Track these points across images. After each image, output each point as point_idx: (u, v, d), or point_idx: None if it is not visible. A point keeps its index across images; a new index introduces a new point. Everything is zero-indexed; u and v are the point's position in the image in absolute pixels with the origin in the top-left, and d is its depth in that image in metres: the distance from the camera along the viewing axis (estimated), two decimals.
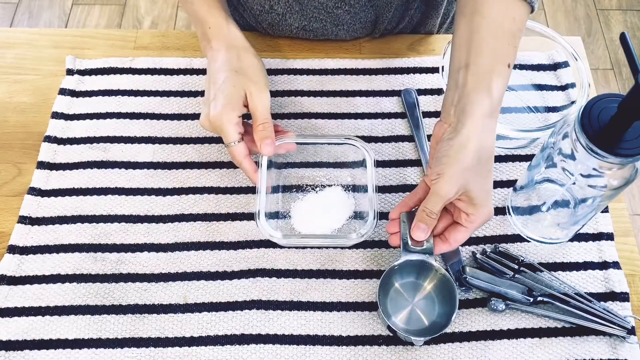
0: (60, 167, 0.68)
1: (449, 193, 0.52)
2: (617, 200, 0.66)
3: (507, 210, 0.65)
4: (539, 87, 0.74)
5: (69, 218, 0.64)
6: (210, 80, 0.62)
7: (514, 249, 0.63)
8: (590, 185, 0.52)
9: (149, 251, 0.63)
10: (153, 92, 0.73)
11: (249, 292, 0.60)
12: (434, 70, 0.75)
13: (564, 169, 0.53)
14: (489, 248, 0.63)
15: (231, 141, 0.60)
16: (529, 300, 0.58)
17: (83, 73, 0.75)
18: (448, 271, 0.60)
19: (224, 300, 0.60)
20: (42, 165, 0.67)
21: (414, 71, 0.75)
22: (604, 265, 0.62)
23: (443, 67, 0.65)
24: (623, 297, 0.60)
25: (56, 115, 0.71)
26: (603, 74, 1.81)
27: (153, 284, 0.61)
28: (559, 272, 0.62)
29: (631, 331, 0.58)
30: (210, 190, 0.66)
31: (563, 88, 0.73)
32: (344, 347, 0.58)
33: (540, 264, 0.62)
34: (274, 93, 0.73)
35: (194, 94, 0.73)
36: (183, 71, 0.75)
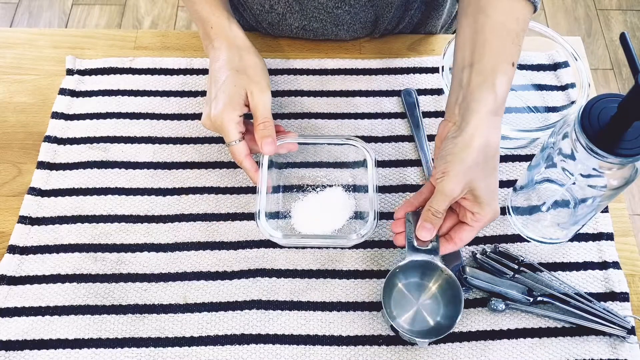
0: (60, 167, 0.68)
1: (454, 191, 0.52)
2: (617, 200, 0.66)
3: (507, 210, 0.65)
4: (539, 87, 0.74)
5: (69, 218, 0.64)
6: (212, 79, 0.63)
7: (514, 249, 0.63)
8: (590, 185, 0.52)
9: (149, 251, 0.63)
10: (153, 92, 0.73)
11: (249, 292, 0.60)
12: (434, 70, 0.75)
13: (564, 169, 0.53)
14: (489, 248, 0.63)
15: (232, 140, 0.60)
16: (529, 300, 0.58)
17: (83, 73, 0.75)
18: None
19: (224, 300, 0.60)
20: (42, 165, 0.67)
21: (414, 71, 0.75)
22: (604, 265, 0.62)
23: (443, 67, 0.65)
24: (623, 297, 0.60)
25: (56, 115, 0.71)
26: (603, 74, 1.81)
27: (153, 284, 0.61)
28: (559, 272, 0.62)
29: (631, 331, 0.58)
30: (210, 190, 0.66)
31: (563, 88, 0.73)
32: (344, 347, 0.58)
33: (540, 264, 0.62)
34: (274, 93, 0.73)
35: (194, 94, 0.73)
36: (183, 71, 0.75)
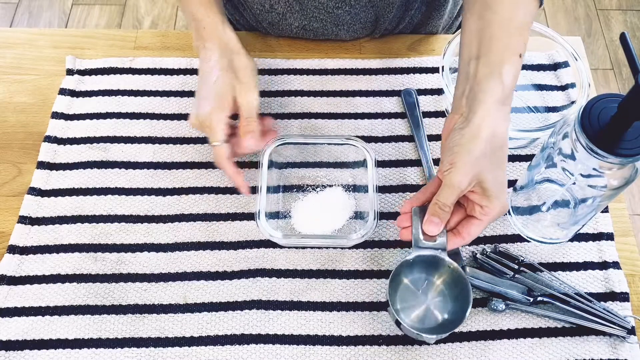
0: (60, 167, 0.68)
1: (462, 184, 0.51)
2: (617, 200, 0.66)
3: (507, 210, 0.65)
4: (539, 87, 0.74)
5: (69, 218, 0.64)
6: (202, 79, 0.63)
7: (514, 249, 0.63)
8: (590, 185, 0.52)
9: (149, 251, 0.63)
10: (153, 92, 0.73)
11: (249, 292, 0.60)
12: (434, 70, 0.75)
13: (564, 169, 0.53)
14: (489, 248, 0.63)
15: (217, 140, 0.61)
16: (529, 300, 0.58)
17: (83, 73, 0.75)
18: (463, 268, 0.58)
19: (224, 300, 0.60)
20: (42, 165, 0.67)
21: (414, 71, 0.75)
22: (604, 265, 0.62)
23: (443, 67, 0.65)
24: (623, 297, 0.60)
25: (56, 115, 0.71)
26: (603, 74, 1.81)
27: (153, 284, 0.61)
28: (559, 272, 0.62)
29: (631, 331, 0.58)
30: (210, 190, 0.66)
31: (563, 88, 0.73)
32: (344, 347, 0.58)
33: (540, 264, 0.62)
34: (274, 93, 0.73)
35: (194, 94, 0.73)
36: (183, 71, 0.75)
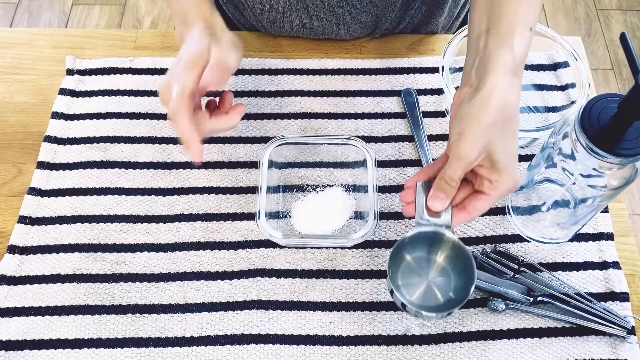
0: (60, 167, 0.68)
1: (470, 154, 0.48)
2: (617, 200, 0.66)
3: (507, 210, 0.65)
4: (539, 87, 0.74)
5: (69, 218, 0.64)
6: (183, 48, 0.58)
7: (514, 249, 0.63)
8: (590, 185, 0.52)
9: (149, 251, 0.63)
10: (153, 92, 0.73)
11: (249, 292, 0.60)
12: (434, 70, 0.75)
13: (564, 169, 0.53)
14: (489, 248, 0.63)
15: (184, 86, 0.53)
16: (529, 300, 0.58)
17: (83, 73, 0.75)
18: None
19: (224, 300, 0.60)
20: (42, 165, 0.67)
21: (414, 71, 0.75)
22: (604, 265, 0.62)
23: (443, 67, 0.65)
24: (623, 297, 0.60)
25: (56, 115, 0.71)
26: (603, 74, 1.81)
27: (153, 284, 0.61)
28: (559, 272, 0.62)
29: (631, 331, 0.58)
30: (210, 190, 0.66)
31: (563, 88, 0.73)
32: (344, 347, 0.58)
33: (540, 264, 0.62)
34: (274, 93, 0.73)
35: None
36: None
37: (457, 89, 0.53)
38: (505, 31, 0.51)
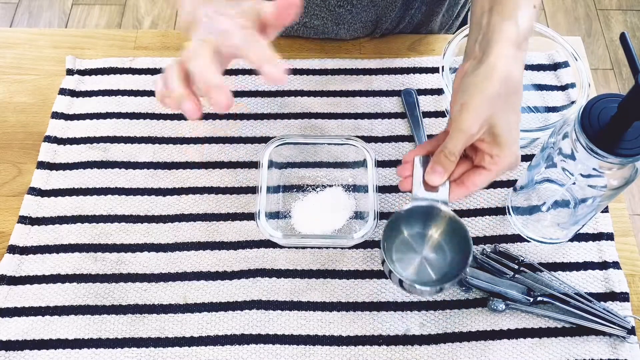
0: (60, 167, 0.68)
1: (472, 127, 0.47)
2: (617, 200, 0.66)
3: (507, 210, 0.65)
4: (539, 87, 0.74)
5: (69, 218, 0.64)
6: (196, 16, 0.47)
7: (514, 249, 0.63)
8: (590, 185, 0.52)
9: (149, 251, 0.63)
10: (153, 92, 0.73)
11: (249, 292, 0.60)
12: (434, 70, 0.75)
13: (564, 169, 0.53)
14: (489, 248, 0.63)
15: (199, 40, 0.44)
16: (529, 300, 0.58)
17: (83, 73, 0.75)
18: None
19: (224, 300, 0.60)
20: (42, 165, 0.67)
21: (414, 71, 0.75)
22: (604, 265, 0.62)
23: (443, 67, 0.65)
24: (623, 297, 0.60)
25: (56, 115, 0.71)
26: (603, 74, 1.81)
27: (153, 284, 0.61)
28: (559, 272, 0.62)
29: (631, 331, 0.58)
30: (210, 190, 0.66)
31: (563, 88, 0.73)
32: (344, 347, 0.58)
33: (540, 264, 0.62)
34: (274, 93, 0.73)
35: None
36: None
37: (460, 65, 0.52)
38: (510, 6, 0.50)
